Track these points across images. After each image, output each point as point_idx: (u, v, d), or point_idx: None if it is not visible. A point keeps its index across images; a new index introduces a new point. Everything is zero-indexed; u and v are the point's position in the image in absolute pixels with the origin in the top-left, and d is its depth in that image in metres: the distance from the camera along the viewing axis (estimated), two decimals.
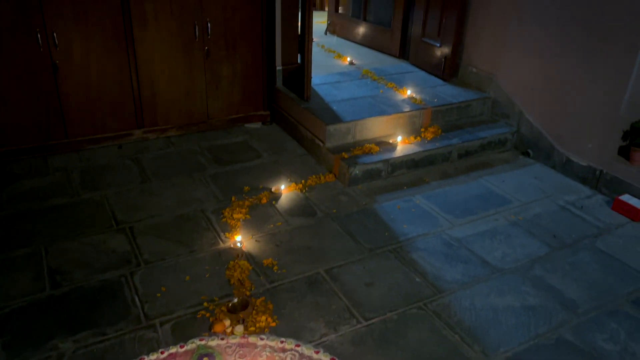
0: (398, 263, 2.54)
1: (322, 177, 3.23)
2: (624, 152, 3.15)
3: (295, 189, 3.11)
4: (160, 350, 1.98)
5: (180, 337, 2.05)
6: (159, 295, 2.26)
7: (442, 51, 4.05)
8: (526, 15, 3.48)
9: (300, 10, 3.62)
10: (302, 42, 3.54)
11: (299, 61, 3.80)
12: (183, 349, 1.99)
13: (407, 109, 3.57)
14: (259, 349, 2.01)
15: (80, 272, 2.38)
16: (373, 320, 2.18)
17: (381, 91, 3.85)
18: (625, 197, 3.02)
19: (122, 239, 2.61)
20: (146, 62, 3.38)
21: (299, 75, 3.64)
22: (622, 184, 3.11)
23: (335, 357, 1.99)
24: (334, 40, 5.09)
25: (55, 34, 3.05)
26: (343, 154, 3.23)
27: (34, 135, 3.25)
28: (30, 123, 3.22)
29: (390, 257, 2.58)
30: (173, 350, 1.99)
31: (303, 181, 3.19)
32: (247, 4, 3.52)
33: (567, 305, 2.32)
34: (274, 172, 3.29)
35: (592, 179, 3.27)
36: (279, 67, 3.82)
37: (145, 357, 1.95)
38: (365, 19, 4.95)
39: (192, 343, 2.02)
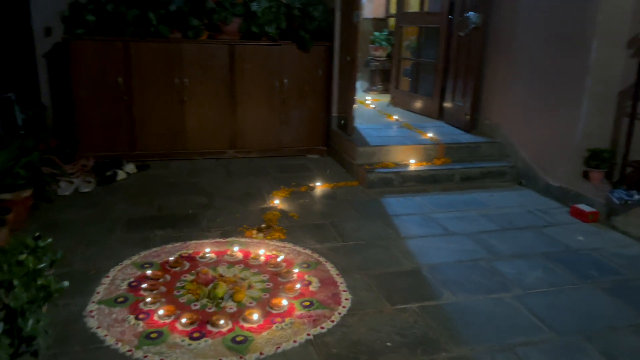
0: (381, 224, 3.59)
1: (349, 183, 4.42)
2: (586, 175, 3.96)
3: (327, 187, 4.33)
4: (210, 239, 3.24)
5: (224, 237, 3.29)
6: (218, 220, 3.55)
7: (464, 110, 5.19)
8: (519, 79, 4.56)
9: (351, 79, 5.05)
10: (349, 97, 4.93)
11: None
12: (224, 240, 3.23)
13: (424, 143, 4.70)
14: (268, 245, 3.18)
15: (175, 208, 3.76)
16: (348, 243, 3.26)
17: (409, 134, 5.04)
18: (580, 205, 3.80)
19: (204, 198, 3.99)
20: (241, 102, 4.96)
21: (347, 118, 4.99)
22: (583, 198, 3.89)
23: (315, 252, 3.09)
24: (391, 109, 6.41)
25: (186, 79, 4.76)
26: (366, 166, 4.42)
27: (163, 145, 4.88)
28: (162, 138, 4.86)
29: (377, 222, 3.64)
30: (218, 239, 3.23)
31: (334, 183, 4.40)
32: (314, 69, 5.04)
33: (493, 252, 3.20)
34: (317, 178, 4.53)
35: (562, 196, 4.07)
36: (334, 115, 5.20)
37: (203, 240, 3.21)
38: (416, 92, 6.27)
39: (230, 238, 3.25)
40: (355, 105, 5.01)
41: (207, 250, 3.05)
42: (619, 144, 3.85)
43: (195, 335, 2.28)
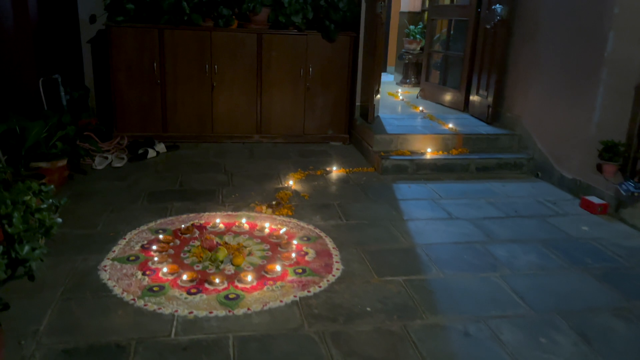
0: (387, 206, 3.73)
1: (364, 169, 4.56)
2: (600, 168, 3.95)
3: (343, 172, 4.49)
4: (223, 211, 3.48)
5: (236, 211, 3.52)
6: (233, 196, 3.78)
7: (487, 102, 5.22)
8: (540, 71, 4.56)
9: (375, 69, 5.18)
10: (372, 86, 5.07)
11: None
12: (235, 213, 3.46)
13: (443, 133, 4.78)
14: (275, 220, 3.38)
15: (196, 184, 4.03)
16: (351, 221, 3.42)
17: (431, 124, 5.13)
18: (590, 197, 3.81)
19: (224, 176, 4.24)
20: (267, 89, 5.18)
21: (368, 107, 5.12)
22: (594, 190, 3.89)
23: (317, 228, 3.27)
24: (420, 100, 6.49)
25: (216, 66, 5.03)
26: (382, 153, 4.55)
27: (193, 128, 5.18)
28: (192, 121, 5.16)
29: (384, 204, 3.78)
30: (230, 212, 3.47)
31: (350, 168, 4.55)
32: (339, 58, 5.20)
33: (490, 236, 3.28)
34: (335, 164, 4.70)
35: (575, 188, 4.07)
36: (357, 103, 5.34)
37: (215, 212, 3.45)
38: (445, 84, 6.32)
39: (241, 212, 3.48)
40: (378, 96, 5.16)
41: (218, 220, 3.29)
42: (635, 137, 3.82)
43: (193, 291, 2.51)
